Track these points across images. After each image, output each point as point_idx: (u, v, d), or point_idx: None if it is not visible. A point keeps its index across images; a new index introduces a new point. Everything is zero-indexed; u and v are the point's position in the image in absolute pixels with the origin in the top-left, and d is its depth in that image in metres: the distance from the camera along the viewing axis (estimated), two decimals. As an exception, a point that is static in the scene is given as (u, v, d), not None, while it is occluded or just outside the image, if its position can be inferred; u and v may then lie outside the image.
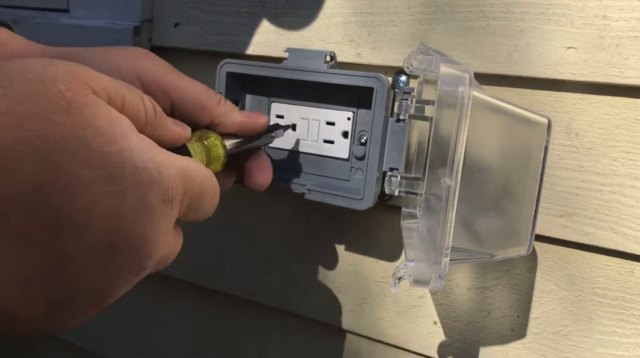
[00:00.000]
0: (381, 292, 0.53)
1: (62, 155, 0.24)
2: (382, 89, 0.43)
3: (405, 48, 0.49)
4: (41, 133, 0.24)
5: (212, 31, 0.58)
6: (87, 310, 0.28)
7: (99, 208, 0.25)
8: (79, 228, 0.25)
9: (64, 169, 0.24)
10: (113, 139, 0.26)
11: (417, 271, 0.35)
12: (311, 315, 0.57)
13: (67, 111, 0.25)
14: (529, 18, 0.44)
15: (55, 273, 0.25)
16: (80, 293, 0.27)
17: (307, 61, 0.46)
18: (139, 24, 0.62)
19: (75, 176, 0.25)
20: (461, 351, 0.50)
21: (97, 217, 0.25)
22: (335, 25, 0.52)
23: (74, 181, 0.25)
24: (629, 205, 0.42)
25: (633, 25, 0.41)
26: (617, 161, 0.42)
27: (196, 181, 0.31)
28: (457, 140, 0.34)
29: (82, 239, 0.25)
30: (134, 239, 0.27)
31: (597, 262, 0.44)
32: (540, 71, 0.44)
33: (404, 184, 0.44)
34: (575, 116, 0.44)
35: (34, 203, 0.24)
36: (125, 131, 0.27)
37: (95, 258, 0.26)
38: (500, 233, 0.41)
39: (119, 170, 0.26)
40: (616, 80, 0.41)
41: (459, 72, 0.35)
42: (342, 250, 0.54)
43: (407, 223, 0.47)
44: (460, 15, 0.46)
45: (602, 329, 0.44)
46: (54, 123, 0.25)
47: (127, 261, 0.27)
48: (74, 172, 0.25)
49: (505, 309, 0.48)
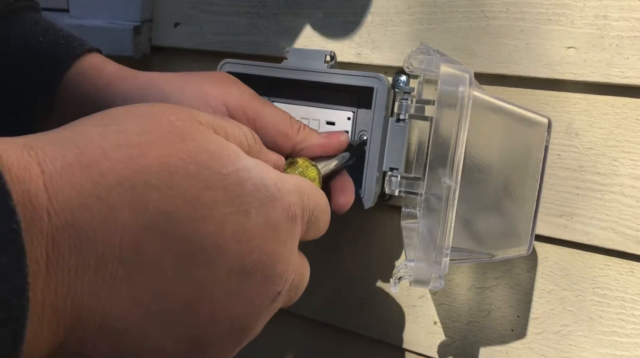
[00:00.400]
0: (381, 292, 0.53)
1: (185, 180, 0.24)
2: (382, 89, 0.43)
3: (405, 48, 0.49)
4: (162, 160, 0.24)
5: (212, 31, 0.58)
6: (230, 346, 0.27)
7: (226, 231, 0.25)
8: (211, 254, 0.24)
9: (189, 193, 0.24)
10: (229, 161, 0.26)
11: (417, 271, 0.35)
12: (311, 315, 0.57)
13: (181, 138, 0.25)
14: (529, 18, 0.44)
15: (192, 305, 0.24)
16: (219, 325, 0.26)
17: (307, 60, 0.46)
18: (139, 24, 0.62)
19: (199, 200, 0.24)
20: (461, 351, 0.50)
21: (226, 240, 0.25)
22: (335, 25, 0.52)
23: (200, 204, 0.24)
24: (629, 205, 0.42)
25: (633, 25, 0.41)
26: (617, 161, 0.42)
27: (311, 196, 0.31)
28: (457, 140, 0.34)
29: (215, 265, 0.24)
30: (265, 260, 0.26)
31: (597, 262, 0.44)
32: (540, 70, 0.44)
33: (404, 184, 0.44)
34: (576, 116, 0.44)
35: (165, 232, 0.23)
36: (238, 153, 0.27)
37: (229, 285, 0.25)
38: (500, 233, 0.41)
39: (240, 189, 0.26)
40: (616, 80, 0.41)
41: (459, 72, 0.35)
42: (342, 249, 0.54)
43: (407, 223, 0.47)
44: (460, 15, 0.46)
45: (602, 329, 0.44)
46: (172, 150, 0.24)
47: (261, 284, 0.27)
48: (198, 195, 0.24)
49: (505, 309, 0.48)
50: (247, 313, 0.27)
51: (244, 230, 0.25)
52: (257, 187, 0.26)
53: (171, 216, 0.23)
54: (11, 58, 0.42)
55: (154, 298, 0.23)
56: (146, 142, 0.24)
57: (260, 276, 0.26)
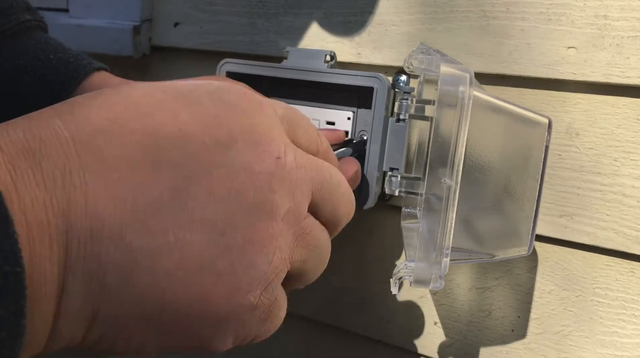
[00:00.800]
0: (381, 292, 0.53)
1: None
2: (382, 89, 0.43)
3: (405, 48, 0.49)
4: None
5: (212, 31, 0.58)
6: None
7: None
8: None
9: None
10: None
11: (418, 272, 0.35)
12: (311, 315, 0.56)
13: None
14: (529, 18, 0.44)
15: (181, 190, 0.24)
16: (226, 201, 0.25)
17: (307, 60, 0.46)
18: (139, 24, 0.62)
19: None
20: (461, 351, 0.50)
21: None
22: (335, 25, 0.52)
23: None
24: (629, 205, 0.42)
25: (633, 24, 0.41)
26: (617, 161, 0.42)
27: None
28: (457, 140, 0.34)
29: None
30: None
31: (597, 262, 0.44)
32: (540, 70, 0.44)
33: (404, 184, 0.44)
34: (576, 116, 0.44)
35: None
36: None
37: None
38: (500, 233, 0.40)
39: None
40: (617, 80, 0.41)
41: (459, 72, 0.35)
42: (343, 250, 0.54)
43: (408, 223, 0.46)
44: (461, 14, 0.46)
45: (602, 329, 0.44)
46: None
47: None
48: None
49: (505, 309, 0.48)
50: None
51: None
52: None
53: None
54: (22, 74, 0.43)
55: (135, 191, 0.22)
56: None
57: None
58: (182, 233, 0.23)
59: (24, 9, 0.46)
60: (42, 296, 0.21)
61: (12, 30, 0.44)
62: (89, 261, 0.22)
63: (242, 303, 0.25)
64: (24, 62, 0.44)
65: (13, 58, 0.44)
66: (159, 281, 0.23)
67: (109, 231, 0.22)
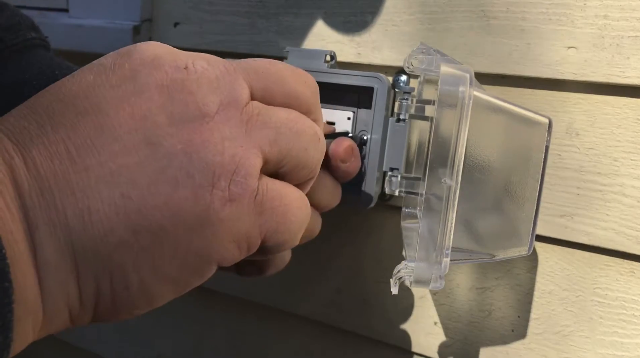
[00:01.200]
0: (381, 292, 0.53)
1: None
2: (382, 89, 0.43)
3: (405, 48, 0.49)
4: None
5: (212, 31, 0.58)
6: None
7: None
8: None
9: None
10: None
11: (418, 272, 0.35)
12: (311, 315, 0.56)
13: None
14: (529, 18, 0.44)
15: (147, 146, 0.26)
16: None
17: (307, 60, 0.46)
18: (139, 24, 0.62)
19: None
20: (462, 351, 0.50)
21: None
22: (335, 25, 0.52)
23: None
24: (630, 205, 0.42)
25: (634, 25, 0.41)
26: (618, 161, 0.42)
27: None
28: (457, 140, 0.34)
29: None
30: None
31: (597, 262, 0.44)
32: (541, 70, 0.44)
33: (404, 184, 0.44)
34: (576, 116, 0.44)
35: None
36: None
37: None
38: (500, 233, 0.40)
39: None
40: (617, 80, 0.41)
41: (459, 72, 0.35)
42: (342, 250, 0.54)
43: (408, 223, 0.46)
44: (461, 14, 0.46)
45: (603, 330, 0.44)
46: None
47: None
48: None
49: (505, 309, 0.48)
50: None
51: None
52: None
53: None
54: (27, 87, 0.45)
55: (65, 140, 0.25)
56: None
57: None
58: (119, 159, 0.25)
59: (30, 27, 0.47)
60: (18, 255, 0.22)
61: (18, 46, 0.46)
62: (45, 212, 0.23)
63: (211, 200, 0.26)
64: (29, 76, 0.45)
65: (19, 72, 0.45)
66: (119, 207, 0.24)
67: (54, 181, 0.24)
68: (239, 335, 0.63)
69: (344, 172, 0.40)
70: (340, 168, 0.40)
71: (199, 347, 0.66)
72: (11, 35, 0.46)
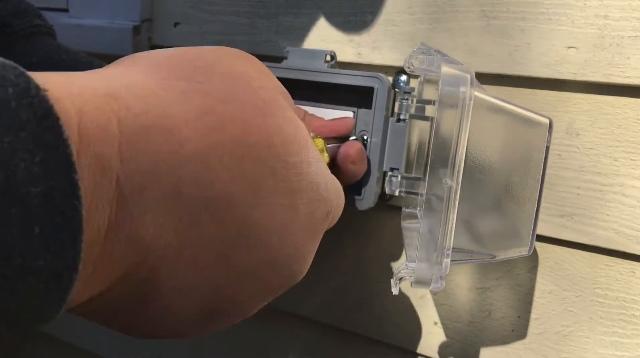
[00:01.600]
0: (381, 292, 0.53)
1: (254, 164, 0.23)
2: (382, 89, 0.43)
3: (405, 48, 0.49)
4: (239, 138, 0.23)
5: (212, 31, 0.58)
6: (231, 319, 0.27)
7: (274, 222, 0.24)
8: (252, 242, 0.24)
9: (254, 178, 0.23)
10: (297, 150, 0.25)
11: (418, 272, 0.35)
12: (311, 315, 0.56)
13: (263, 113, 0.24)
14: (529, 18, 0.44)
15: (220, 286, 0.24)
16: (231, 304, 0.26)
17: (307, 60, 0.46)
18: (139, 24, 0.62)
19: (261, 187, 0.23)
20: (462, 351, 0.50)
21: (270, 231, 0.24)
22: (335, 25, 0.52)
23: (260, 192, 0.23)
24: (630, 205, 0.42)
25: (634, 24, 0.41)
26: (618, 161, 0.42)
27: (341, 196, 0.31)
28: (458, 140, 0.34)
29: (251, 253, 0.24)
30: (295, 256, 0.26)
31: (598, 262, 0.44)
32: (541, 70, 0.44)
33: (404, 185, 0.44)
34: (576, 116, 0.44)
35: (224, 213, 0.23)
36: (307, 141, 0.26)
37: (255, 274, 0.25)
38: (501, 234, 0.40)
39: (298, 183, 0.25)
40: (617, 80, 0.41)
41: (460, 72, 0.35)
42: (342, 250, 0.54)
43: (408, 224, 0.46)
44: (461, 14, 0.46)
45: (603, 329, 0.44)
46: (251, 127, 0.23)
47: (282, 279, 0.27)
48: (261, 182, 0.23)
49: (506, 309, 0.48)
50: (255, 299, 0.27)
51: (288, 224, 0.25)
52: (311, 185, 0.26)
53: (232, 200, 0.23)
54: (35, 71, 0.44)
55: (196, 273, 0.23)
56: (227, 112, 0.23)
57: (286, 272, 0.26)
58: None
59: (36, 15, 0.48)
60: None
61: (26, 31, 0.46)
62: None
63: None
64: (36, 61, 0.45)
65: (26, 56, 0.45)
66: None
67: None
68: (238, 335, 0.63)
69: (353, 173, 0.41)
70: (349, 169, 0.41)
71: (199, 347, 0.66)
72: (18, 21, 0.46)
